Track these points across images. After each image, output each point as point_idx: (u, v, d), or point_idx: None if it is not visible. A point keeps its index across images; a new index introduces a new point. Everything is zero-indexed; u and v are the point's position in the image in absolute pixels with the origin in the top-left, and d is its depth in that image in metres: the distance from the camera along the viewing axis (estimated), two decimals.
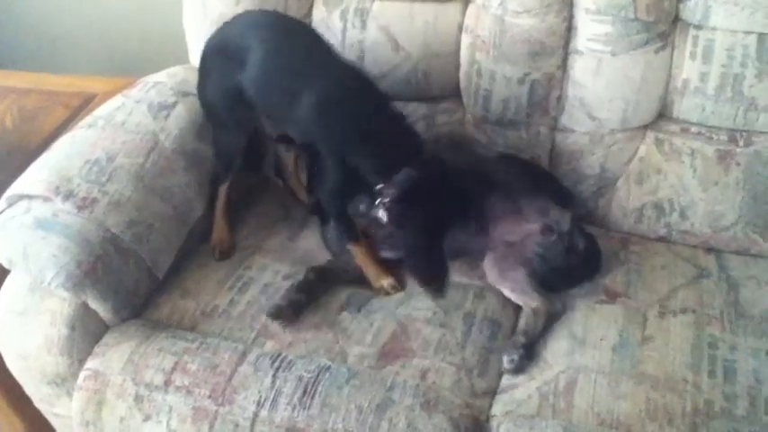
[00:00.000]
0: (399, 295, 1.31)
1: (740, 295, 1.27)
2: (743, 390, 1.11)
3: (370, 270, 1.33)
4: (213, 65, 1.40)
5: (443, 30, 1.48)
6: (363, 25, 1.51)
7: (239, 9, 1.51)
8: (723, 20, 1.31)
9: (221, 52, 1.38)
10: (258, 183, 1.57)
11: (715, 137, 1.37)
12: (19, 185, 1.30)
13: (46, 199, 1.26)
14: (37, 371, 1.26)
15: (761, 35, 1.29)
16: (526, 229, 1.34)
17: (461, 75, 1.49)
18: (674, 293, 1.28)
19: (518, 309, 1.31)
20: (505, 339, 1.26)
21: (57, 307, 1.23)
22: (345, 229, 1.34)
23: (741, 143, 1.36)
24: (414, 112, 1.53)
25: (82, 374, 1.21)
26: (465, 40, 1.47)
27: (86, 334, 1.24)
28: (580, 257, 1.34)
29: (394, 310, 1.27)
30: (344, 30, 1.52)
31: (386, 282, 1.32)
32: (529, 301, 1.27)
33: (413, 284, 1.31)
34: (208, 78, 1.41)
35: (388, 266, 1.35)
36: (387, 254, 1.37)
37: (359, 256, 1.34)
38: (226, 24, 1.41)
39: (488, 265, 1.32)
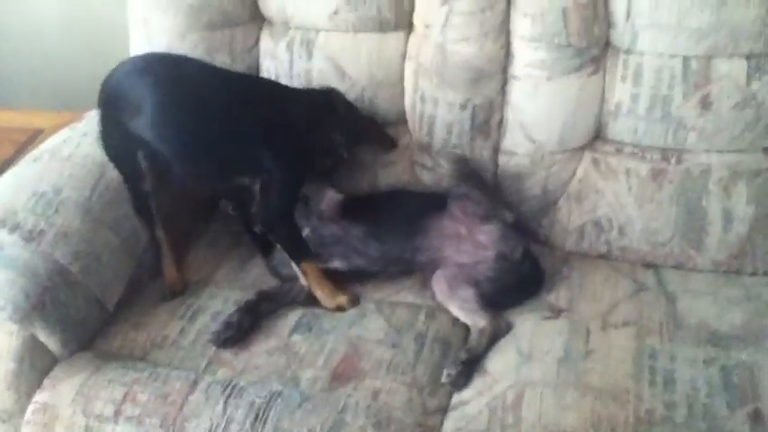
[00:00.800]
0: (351, 315, 1.32)
1: (677, 307, 1.32)
2: (681, 398, 1.15)
3: (325, 288, 1.34)
4: (107, 123, 1.38)
5: (387, 58, 1.52)
6: (310, 55, 1.54)
7: (185, 42, 1.54)
8: (650, 44, 1.38)
9: (112, 110, 1.37)
10: (203, 213, 1.58)
11: (648, 156, 1.43)
12: None
13: None
14: None
15: (685, 58, 1.36)
16: (481, 253, 1.37)
17: (406, 101, 1.53)
18: (615, 307, 1.32)
19: (468, 328, 1.34)
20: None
21: (3, 341, 1.22)
22: (298, 246, 1.36)
23: (673, 161, 1.42)
24: None
25: (30, 408, 1.20)
26: (408, 67, 1.52)
27: (34, 368, 1.22)
28: (525, 278, 1.38)
29: (346, 331, 1.29)
30: (291, 60, 1.55)
31: (342, 298, 1.34)
32: (477, 320, 1.30)
33: (364, 303, 1.34)
34: (106, 137, 1.39)
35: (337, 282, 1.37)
36: (337, 264, 1.39)
37: (312, 274, 1.35)
38: (113, 72, 1.38)
39: (437, 282, 1.35)
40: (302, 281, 1.36)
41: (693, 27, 1.34)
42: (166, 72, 1.36)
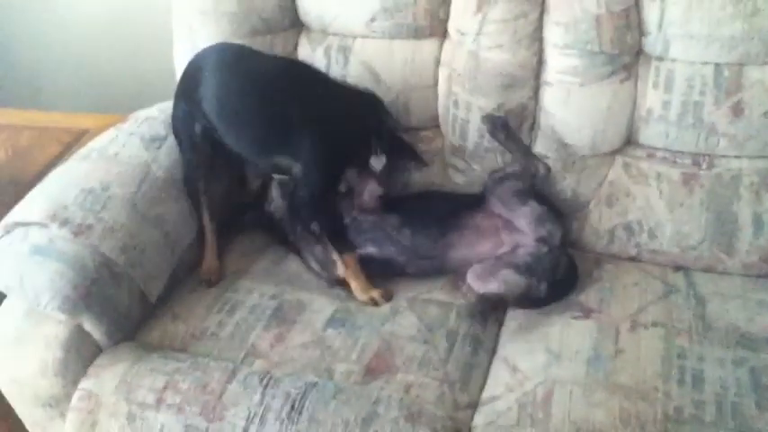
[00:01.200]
0: (384, 311, 1.35)
1: (707, 310, 1.33)
2: (710, 397, 1.16)
3: (360, 282, 1.38)
4: (179, 97, 1.51)
5: (421, 64, 1.56)
6: (346, 61, 1.59)
7: None
8: (682, 52, 1.40)
9: (185, 85, 1.50)
10: (245, 209, 1.62)
11: (679, 161, 1.45)
12: (15, 214, 1.35)
13: (42, 225, 1.31)
14: (30, 394, 1.29)
15: (717, 65, 1.38)
16: (520, 238, 1.39)
17: (439, 106, 1.57)
18: (645, 309, 1.34)
19: (499, 326, 1.37)
20: (487, 356, 1.31)
21: (51, 330, 1.27)
22: (338, 239, 1.41)
23: (704, 166, 1.44)
24: None
25: (76, 395, 1.24)
26: (442, 73, 1.55)
27: (80, 356, 1.27)
28: (561, 270, 1.39)
29: (379, 327, 1.32)
30: (328, 65, 1.60)
31: (375, 293, 1.38)
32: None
33: (397, 300, 1.38)
34: (175, 108, 1.51)
35: (372, 279, 1.41)
36: (370, 249, 1.43)
37: (351, 265, 1.39)
38: (193, 58, 1.52)
39: (473, 273, 1.37)
40: (339, 271, 1.40)
41: (726, 36, 1.36)
42: (228, 54, 1.49)
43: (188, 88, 1.48)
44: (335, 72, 1.59)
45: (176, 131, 1.51)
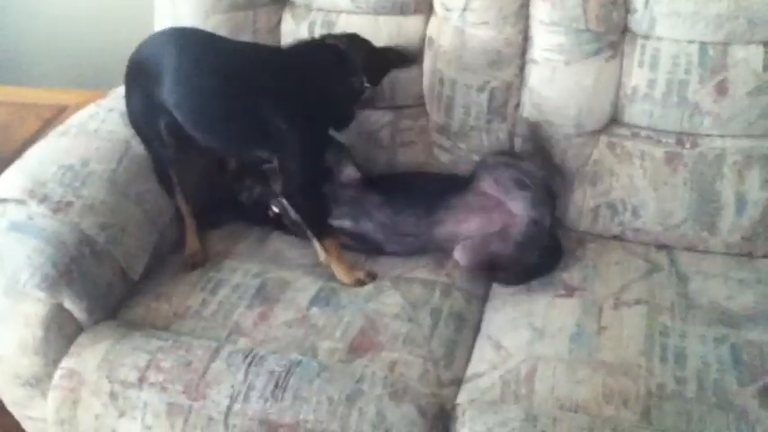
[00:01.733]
0: (368, 290, 1.35)
1: (689, 288, 1.34)
2: (692, 373, 1.18)
3: (343, 266, 1.37)
4: (133, 89, 1.43)
5: (407, 40, 1.54)
6: None
7: (209, 22, 1.56)
8: (668, 30, 1.40)
9: (138, 76, 1.41)
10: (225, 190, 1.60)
11: (663, 140, 1.45)
12: None
13: (20, 202, 1.28)
14: (11, 373, 1.28)
15: (702, 44, 1.38)
16: (511, 219, 1.39)
17: (425, 83, 1.56)
18: (628, 287, 1.35)
19: (483, 304, 1.37)
20: (471, 333, 1.31)
21: (31, 309, 1.25)
22: (320, 222, 1.39)
23: (687, 145, 1.44)
24: (379, 119, 1.59)
25: (57, 373, 1.23)
26: (428, 50, 1.54)
27: (61, 335, 1.26)
28: (547, 250, 1.39)
29: (363, 306, 1.32)
30: None
31: (360, 274, 1.37)
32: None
33: (380, 279, 1.37)
34: (130, 102, 1.44)
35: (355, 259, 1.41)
36: (346, 223, 1.43)
37: (333, 251, 1.38)
38: (142, 44, 1.44)
39: (463, 251, 1.37)
40: (321, 257, 1.39)
41: (712, 14, 1.35)
42: (186, 43, 1.39)
43: (143, 80, 1.39)
44: None
45: (137, 126, 1.43)
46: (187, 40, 1.40)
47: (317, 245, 1.39)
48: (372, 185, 1.48)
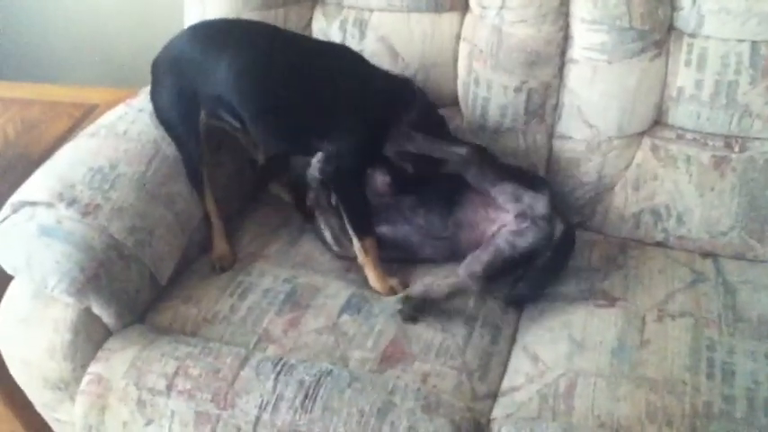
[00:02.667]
0: (400, 299, 1.31)
1: (737, 299, 1.29)
2: (741, 392, 1.12)
3: (378, 271, 1.34)
4: (166, 80, 1.41)
5: (441, 39, 1.50)
6: (362, 35, 1.53)
7: None
8: (716, 28, 1.33)
9: (176, 68, 1.39)
10: (254, 191, 1.58)
11: (710, 143, 1.39)
12: (23, 193, 1.31)
13: (49, 205, 1.27)
14: (40, 376, 1.27)
15: (754, 43, 1.32)
16: (502, 219, 1.35)
17: (459, 83, 1.51)
18: (672, 297, 1.30)
19: (519, 313, 1.33)
20: (507, 344, 1.27)
21: (60, 313, 1.24)
22: (364, 220, 1.35)
23: (736, 149, 1.38)
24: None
25: (85, 379, 1.22)
26: (463, 49, 1.49)
27: (89, 339, 1.25)
28: (554, 245, 1.33)
29: (395, 314, 1.28)
30: (344, 40, 1.54)
31: (393, 281, 1.34)
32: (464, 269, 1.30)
33: (413, 287, 1.33)
34: (163, 97, 1.41)
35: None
36: (384, 229, 1.39)
37: (371, 253, 1.34)
38: (174, 39, 1.42)
39: (464, 266, 1.32)
40: (359, 258, 1.35)
41: (765, 11, 1.29)
42: (243, 35, 1.38)
43: (178, 75, 1.37)
44: (351, 46, 1.53)
45: (168, 123, 1.40)
46: (243, 32, 1.40)
47: (357, 244, 1.35)
48: (404, 187, 1.44)
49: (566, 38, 1.42)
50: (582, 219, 1.47)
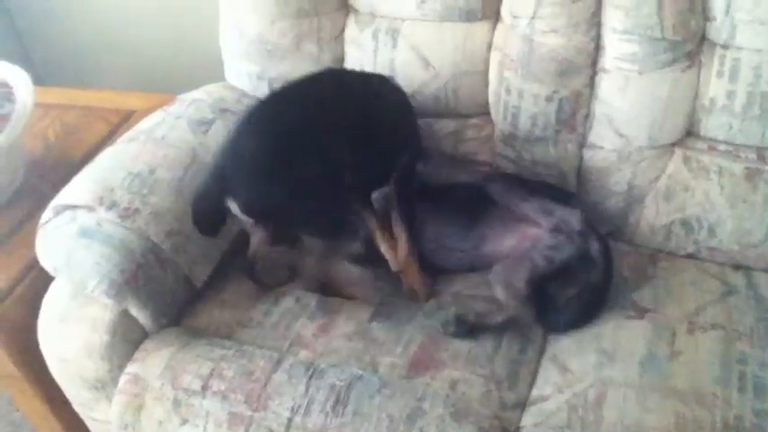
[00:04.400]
0: (429, 306, 1.33)
1: None
2: None
3: (421, 275, 1.34)
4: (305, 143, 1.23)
5: (472, 49, 1.51)
6: (394, 44, 1.55)
7: (275, 29, 1.56)
8: (749, 39, 1.33)
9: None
10: None
11: (743, 155, 1.38)
12: (64, 196, 1.35)
13: (90, 209, 1.31)
14: (77, 375, 1.30)
15: None
16: (533, 233, 1.35)
17: (490, 92, 1.52)
18: (703, 310, 1.29)
19: (548, 324, 1.33)
20: (536, 354, 1.28)
21: (98, 314, 1.28)
22: (411, 224, 1.35)
23: None
24: (443, 128, 1.57)
25: (122, 378, 1.25)
26: (494, 58, 1.50)
27: (126, 340, 1.28)
28: (594, 263, 1.32)
29: (423, 322, 1.29)
30: (376, 49, 1.56)
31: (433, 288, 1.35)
32: (506, 297, 1.28)
33: (441, 295, 1.35)
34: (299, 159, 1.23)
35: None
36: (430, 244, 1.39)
37: (413, 267, 1.34)
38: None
39: (493, 276, 1.32)
40: (399, 266, 1.34)
41: None
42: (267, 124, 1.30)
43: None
44: (384, 56, 1.55)
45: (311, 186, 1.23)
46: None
47: (402, 247, 1.33)
48: (423, 194, 1.44)
49: (597, 48, 1.42)
50: (612, 229, 1.47)
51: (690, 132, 1.43)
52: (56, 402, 1.41)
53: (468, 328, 1.26)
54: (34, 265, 1.35)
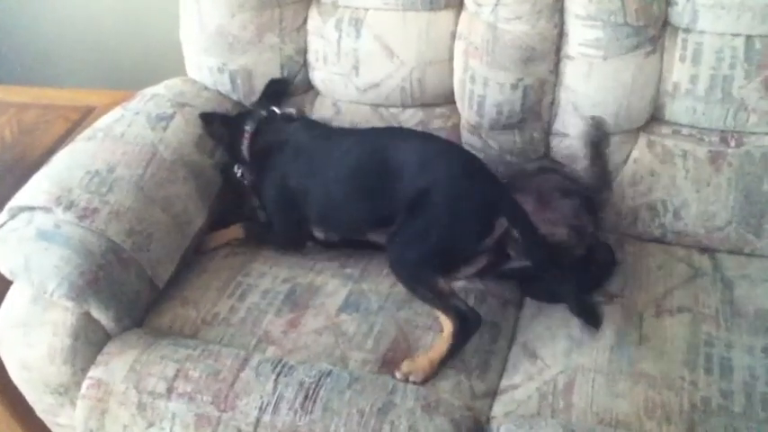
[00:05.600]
0: (399, 297, 1.31)
1: (735, 294, 1.29)
2: (739, 386, 1.13)
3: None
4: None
5: (436, 37, 1.50)
6: (358, 34, 1.53)
7: (235, 21, 1.54)
8: (711, 23, 1.33)
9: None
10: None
11: (706, 138, 1.39)
12: (20, 197, 1.31)
13: (47, 210, 1.27)
14: (40, 381, 1.27)
15: (748, 37, 1.31)
16: (550, 228, 1.33)
17: (455, 81, 1.51)
18: (670, 293, 1.30)
19: (518, 311, 1.33)
20: (506, 342, 1.27)
21: (59, 317, 1.24)
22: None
23: (732, 144, 1.38)
24: (410, 118, 1.56)
25: (85, 383, 1.22)
26: (458, 47, 1.49)
27: (89, 343, 1.25)
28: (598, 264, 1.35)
29: (394, 313, 1.28)
30: (339, 39, 1.54)
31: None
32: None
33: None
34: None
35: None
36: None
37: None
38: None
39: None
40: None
41: (759, 5, 1.29)
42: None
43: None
44: (347, 46, 1.53)
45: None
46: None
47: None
48: None
49: (561, 34, 1.41)
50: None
51: (654, 117, 1.43)
52: (19, 409, 1.37)
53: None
54: None
